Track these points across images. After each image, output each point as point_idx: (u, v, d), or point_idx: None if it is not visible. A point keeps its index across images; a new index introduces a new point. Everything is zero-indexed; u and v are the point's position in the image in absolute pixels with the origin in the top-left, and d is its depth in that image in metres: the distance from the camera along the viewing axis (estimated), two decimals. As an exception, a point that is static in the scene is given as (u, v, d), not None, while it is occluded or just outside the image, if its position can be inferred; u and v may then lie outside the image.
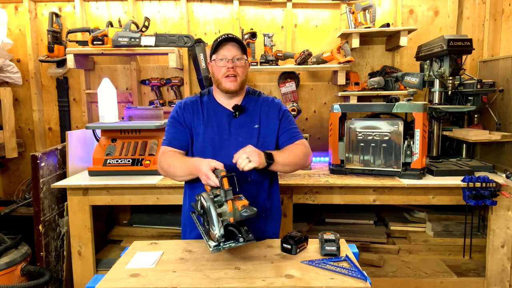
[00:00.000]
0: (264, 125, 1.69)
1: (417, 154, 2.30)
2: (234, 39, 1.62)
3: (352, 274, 1.32)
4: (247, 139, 1.66)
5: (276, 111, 1.71)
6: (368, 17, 2.80)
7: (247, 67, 1.68)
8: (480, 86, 2.57)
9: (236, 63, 1.60)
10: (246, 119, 1.69)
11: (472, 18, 3.03)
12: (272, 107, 1.72)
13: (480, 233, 2.55)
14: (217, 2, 3.09)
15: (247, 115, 1.69)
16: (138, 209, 3.08)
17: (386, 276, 2.49)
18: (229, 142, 1.66)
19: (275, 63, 2.93)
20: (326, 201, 2.38)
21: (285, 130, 1.71)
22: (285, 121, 1.72)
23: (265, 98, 1.75)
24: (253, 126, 1.68)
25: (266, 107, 1.71)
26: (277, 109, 1.72)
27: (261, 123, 1.69)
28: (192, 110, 1.69)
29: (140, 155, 2.51)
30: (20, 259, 2.38)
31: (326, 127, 3.08)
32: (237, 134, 1.66)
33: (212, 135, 1.66)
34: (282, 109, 1.74)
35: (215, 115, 1.68)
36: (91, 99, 3.12)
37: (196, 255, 1.49)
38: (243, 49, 1.64)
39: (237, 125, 1.68)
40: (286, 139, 1.70)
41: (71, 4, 3.08)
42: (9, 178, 3.25)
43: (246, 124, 1.68)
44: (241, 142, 1.65)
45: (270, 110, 1.71)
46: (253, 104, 1.71)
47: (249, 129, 1.68)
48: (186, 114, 1.69)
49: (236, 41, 1.62)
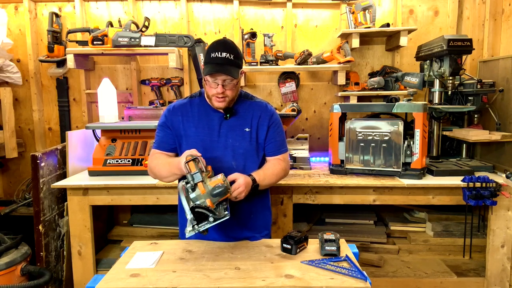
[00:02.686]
0: (255, 129, 1.70)
1: (417, 154, 2.30)
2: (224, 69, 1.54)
3: (352, 274, 1.32)
4: (237, 141, 1.67)
5: (267, 119, 1.72)
6: (368, 17, 2.80)
7: (238, 86, 1.64)
8: (480, 86, 2.57)
9: (226, 86, 1.58)
10: (237, 121, 1.69)
11: (472, 18, 3.03)
12: (264, 113, 1.72)
13: (480, 233, 2.54)
14: (217, 2, 3.09)
15: (238, 118, 1.70)
16: (138, 209, 3.08)
17: (386, 276, 2.48)
18: (219, 143, 1.67)
19: (275, 63, 2.93)
20: (326, 201, 2.38)
21: (272, 141, 1.73)
22: (274, 131, 1.74)
23: (258, 103, 1.75)
24: (244, 129, 1.69)
25: (258, 112, 1.72)
26: (269, 117, 1.72)
27: (252, 127, 1.70)
28: (181, 113, 1.70)
29: (140, 155, 2.52)
30: (20, 259, 2.38)
31: (326, 127, 3.08)
32: (227, 136, 1.67)
33: (203, 136, 1.67)
34: (273, 118, 1.74)
35: (207, 117, 1.69)
36: (91, 99, 3.12)
37: (196, 255, 1.50)
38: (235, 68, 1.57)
39: (228, 127, 1.68)
40: (271, 150, 1.74)
41: (71, 4, 3.08)
42: (9, 178, 3.25)
43: (238, 127, 1.69)
44: (231, 144, 1.67)
45: (262, 116, 1.71)
46: (245, 108, 1.72)
47: (241, 132, 1.69)
48: (174, 118, 1.70)
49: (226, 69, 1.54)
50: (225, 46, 1.57)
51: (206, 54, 1.59)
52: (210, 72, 1.54)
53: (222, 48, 1.55)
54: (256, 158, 1.73)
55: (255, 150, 1.71)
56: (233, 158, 1.67)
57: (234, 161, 1.67)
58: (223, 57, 1.54)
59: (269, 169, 1.71)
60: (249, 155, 1.70)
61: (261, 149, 1.74)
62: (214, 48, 1.56)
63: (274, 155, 1.75)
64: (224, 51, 1.54)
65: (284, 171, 1.76)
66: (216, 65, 1.54)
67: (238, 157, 1.68)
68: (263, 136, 1.72)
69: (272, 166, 1.72)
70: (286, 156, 1.79)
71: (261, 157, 1.76)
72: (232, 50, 1.56)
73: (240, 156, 1.68)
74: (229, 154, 1.67)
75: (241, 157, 1.68)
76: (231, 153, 1.67)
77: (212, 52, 1.55)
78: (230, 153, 1.67)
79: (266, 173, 1.67)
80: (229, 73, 1.54)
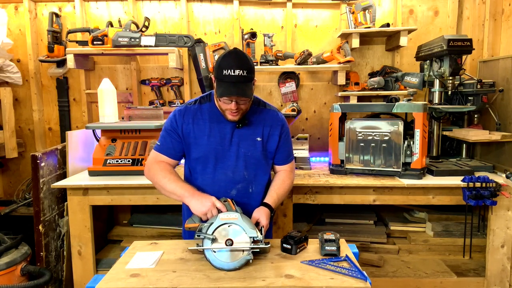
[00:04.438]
0: (266, 138, 1.70)
1: (417, 154, 2.30)
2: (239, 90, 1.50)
3: (352, 274, 1.32)
4: (249, 151, 1.67)
5: (279, 128, 1.72)
6: (368, 17, 2.80)
7: (250, 100, 1.62)
8: (480, 86, 2.57)
9: (239, 103, 1.56)
10: (249, 130, 1.68)
11: (472, 18, 3.03)
12: (275, 122, 1.72)
13: (480, 233, 2.54)
14: (217, 2, 3.09)
15: (250, 126, 1.68)
16: (138, 209, 3.08)
17: (386, 276, 2.48)
18: (231, 152, 1.66)
19: (275, 63, 2.93)
20: (326, 201, 2.38)
21: (281, 151, 1.75)
22: (284, 141, 1.75)
23: (269, 110, 1.74)
24: (255, 138, 1.68)
25: (270, 120, 1.72)
26: (280, 127, 1.73)
27: (264, 136, 1.70)
28: (192, 120, 1.66)
29: (140, 155, 2.51)
30: (20, 259, 2.38)
31: (326, 127, 3.08)
32: (239, 146, 1.67)
33: (215, 145, 1.65)
34: (284, 128, 1.75)
35: (218, 125, 1.66)
36: (91, 99, 3.11)
37: (196, 255, 1.49)
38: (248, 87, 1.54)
39: (239, 136, 1.67)
40: (280, 159, 1.77)
41: (71, 4, 3.08)
42: (9, 178, 3.25)
43: (249, 136, 1.68)
44: (243, 153, 1.67)
45: (273, 125, 1.72)
46: (256, 116, 1.70)
47: (252, 142, 1.68)
48: (185, 123, 1.66)
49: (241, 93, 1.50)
50: (238, 62, 1.49)
51: (217, 68, 1.51)
52: (223, 95, 1.50)
53: (234, 65, 1.48)
54: (266, 167, 1.75)
55: (266, 159, 1.72)
56: (245, 168, 1.67)
57: (245, 171, 1.67)
58: (236, 75, 1.47)
59: (281, 188, 1.72)
60: (260, 164, 1.71)
61: (270, 158, 1.75)
62: (227, 65, 1.48)
63: (283, 164, 1.78)
64: (237, 68, 1.47)
65: (292, 182, 1.81)
66: (230, 85, 1.48)
67: (250, 167, 1.68)
68: (273, 145, 1.72)
69: (282, 184, 1.73)
70: (293, 165, 1.84)
71: (270, 165, 1.78)
72: (245, 65, 1.50)
73: (252, 166, 1.68)
74: (241, 164, 1.66)
75: (253, 167, 1.68)
76: (243, 163, 1.67)
77: (225, 69, 1.48)
78: (242, 163, 1.66)
79: (279, 194, 1.69)
80: (243, 94, 1.51)
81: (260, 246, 1.38)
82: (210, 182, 1.67)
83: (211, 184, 1.67)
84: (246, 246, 1.37)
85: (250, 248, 1.37)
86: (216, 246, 1.37)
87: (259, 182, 1.71)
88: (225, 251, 1.37)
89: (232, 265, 1.36)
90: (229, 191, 1.67)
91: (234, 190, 1.67)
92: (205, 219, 1.50)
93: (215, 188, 1.65)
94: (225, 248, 1.37)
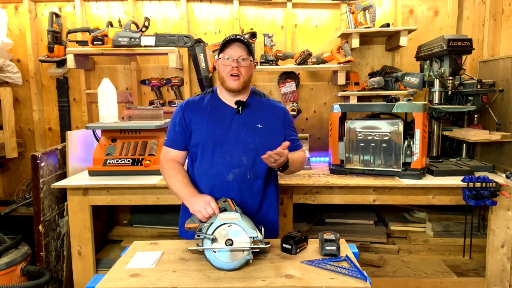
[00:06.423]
0: (267, 127, 1.71)
1: (417, 154, 2.30)
2: (241, 40, 1.65)
3: (352, 274, 1.32)
4: (249, 137, 1.68)
5: (281, 117, 1.76)
6: (368, 17, 2.80)
7: (251, 68, 1.71)
8: (480, 86, 2.57)
9: (241, 63, 1.64)
10: (249, 117, 1.70)
11: (472, 18, 3.03)
12: (277, 112, 1.76)
13: (480, 233, 2.54)
14: (217, 2, 3.09)
15: (250, 113, 1.71)
16: (138, 209, 3.08)
17: (386, 276, 2.48)
18: (230, 137, 1.67)
19: (275, 63, 2.93)
20: (326, 201, 2.38)
21: (289, 138, 1.75)
22: (289, 129, 1.78)
23: (271, 101, 1.80)
24: (256, 125, 1.70)
25: (271, 110, 1.75)
26: (282, 115, 1.77)
27: (265, 124, 1.71)
28: (193, 109, 1.73)
29: (140, 155, 2.51)
30: (20, 259, 2.38)
31: (326, 127, 3.08)
32: (239, 131, 1.68)
33: (214, 130, 1.68)
34: (287, 116, 1.79)
35: (218, 112, 1.71)
36: (91, 99, 3.11)
37: (196, 255, 1.49)
38: (249, 50, 1.67)
39: (240, 122, 1.69)
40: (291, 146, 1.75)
41: (71, 4, 3.08)
42: (9, 178, 3.25)
43: (249, 122, 1.70)
44: (243, 138, 1.67)
45: (275, 115, 1.75)
46: (257, 104, 1.74)
47: (252, 128, 1.69)
48: (187, 113, 1.73)
49: (242, 42, 1.66)
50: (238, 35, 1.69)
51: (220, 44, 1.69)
52: (226, 42, 1.64)
53: (235, 34, 1.68)
54: None
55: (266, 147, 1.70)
56: (244, 153, 1.67)
57: (244, 156, 1.67)
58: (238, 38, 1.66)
59: (295, 154, 1.73)
60: (260, 151, 1.69)
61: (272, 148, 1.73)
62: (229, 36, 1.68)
63: (293, 150, 1.77)
64: (238, 35, 1.68)
65: (305, 160, 1.81)
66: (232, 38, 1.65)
67: (249, 152, 1.67)
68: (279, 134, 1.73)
69: (297, 156, 1.75)
70: (303, 149, 1.85)
71: None
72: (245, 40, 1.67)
73: (251, 151, 1.67)
74: (239, 149, 1.67)
75: (252, 152, 1.67)
76: (242, 148, 1.67)
77: (227, 37, 1.67)
78: (241, 148, 1.67)
79: (293, 158, 1.69)
80: (244, 42, 1.64)
81: (260, 246, 1.38)
82: (208, 166, 1.69)
83: (209, 167, 1.68)
84: (246, 246, 1.37)
85: (250, 248, 1.37)
86: (216, 246, 1.37)
87: (258, 169, 1.70)
88: (225, 251, 1.37)
89: (232, 265, 1.36)
90: (226, 175, 1.67)
91: (231, 175, 1.67)
92: (200, 217, 1.51)
93: (212, 172, 1.67)
94: (225, 248, 1.37)
